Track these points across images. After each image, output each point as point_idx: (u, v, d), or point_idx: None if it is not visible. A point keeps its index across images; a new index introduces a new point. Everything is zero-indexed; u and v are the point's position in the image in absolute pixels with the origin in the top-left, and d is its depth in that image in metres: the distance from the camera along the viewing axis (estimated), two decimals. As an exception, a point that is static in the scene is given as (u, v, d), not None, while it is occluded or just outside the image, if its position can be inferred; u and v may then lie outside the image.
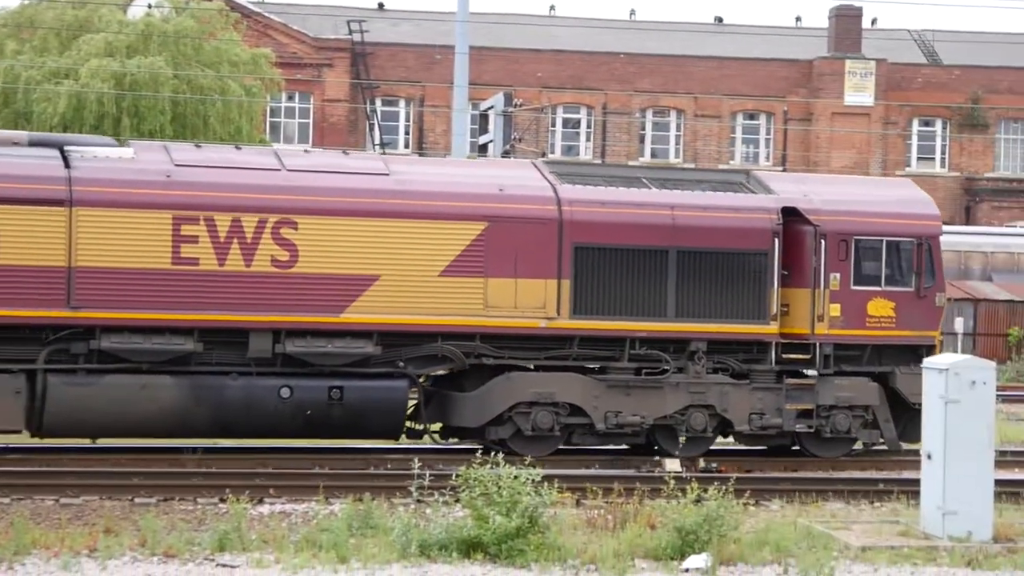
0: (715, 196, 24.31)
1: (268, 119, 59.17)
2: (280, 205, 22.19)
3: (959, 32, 70.75)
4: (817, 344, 23.99)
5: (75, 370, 21.66)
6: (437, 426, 24.03)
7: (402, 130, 62.43)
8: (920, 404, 24.08)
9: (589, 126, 63.73)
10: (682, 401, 23.74)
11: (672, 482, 17.53)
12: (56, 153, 22.07)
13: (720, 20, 69.87)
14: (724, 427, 24.26)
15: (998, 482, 18.51)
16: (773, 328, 24.00)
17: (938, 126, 65.23)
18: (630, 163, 58.64)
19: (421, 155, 57.81)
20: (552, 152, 61.08)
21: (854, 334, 24.25)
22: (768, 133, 64.52)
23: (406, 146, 60.71)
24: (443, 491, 18.07)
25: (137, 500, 19.54)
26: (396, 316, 22.46)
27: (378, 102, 61.66)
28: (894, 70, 64.25)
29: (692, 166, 59.67)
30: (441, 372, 23.41)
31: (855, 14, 65.02)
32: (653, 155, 63.41)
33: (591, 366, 23.65)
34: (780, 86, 63.99)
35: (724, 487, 16.93)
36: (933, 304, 24.60)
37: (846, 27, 64.34)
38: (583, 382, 23.46)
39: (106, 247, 21.50)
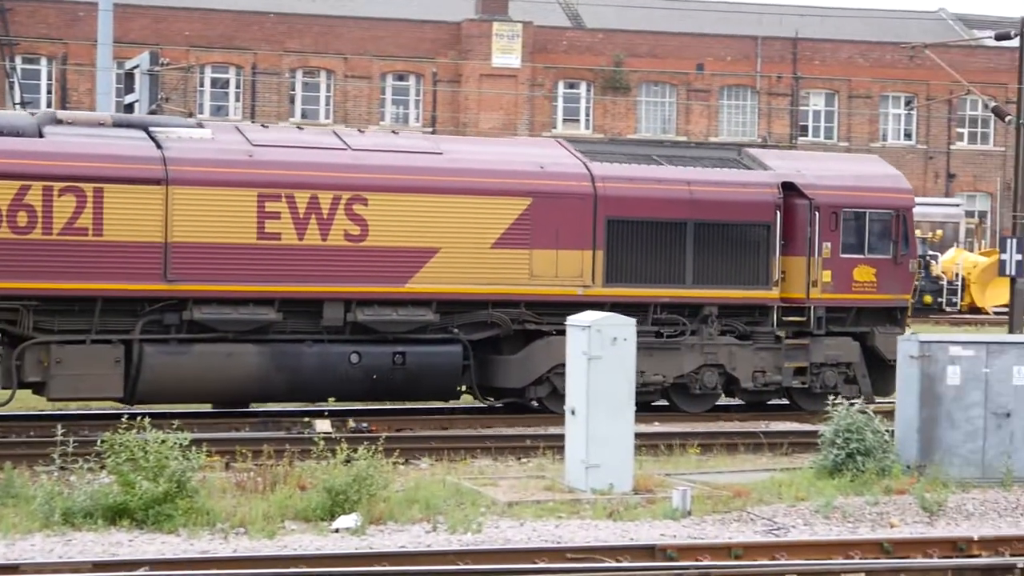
0: (724, 172, 26.33)
1: (-100, 76, 56.67)
2: (352, 183, 23.63)
3: (602, -3, 72.41)
4: (812, 307, 26.46)
5: (168, 340, 22.76)
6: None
7: (44, 89, 60.62)
8: (895, 361, 26.48)
9: (238, 86, 63.00)
10: (697, 361, 25.98)
11: (322, 443, 17.63)
12: (143, 134, 22.99)
13: (370, -19, 69.87)
14: (730, 384, 26.49)
15: (637, 435, 19.17)
16: (775, 293, 26.37)
17: (583, 88, 66.70)
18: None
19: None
20: (201, 112, 60.15)
21: (843, 298, 26.80)
22: (418, 95, 64.88)
23: (49, 105, 58.72)
24: (88, 458, 17.75)
25: None
26: (453, 286, 24.24)
27: (18, 60, 59.67)
28: (540, 33, 65.37)
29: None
30: (484, 337, 24.79)
31: (502, -24, 65.87)
32: (303, 116, 63.09)
33: None
34: (429, 47, 64.43)
35: (374, 447, 17.11)
36: (907, 270, 27.34)
37: (493, -10, 65.12)
38: None
39: (199, 223, 22.63)
